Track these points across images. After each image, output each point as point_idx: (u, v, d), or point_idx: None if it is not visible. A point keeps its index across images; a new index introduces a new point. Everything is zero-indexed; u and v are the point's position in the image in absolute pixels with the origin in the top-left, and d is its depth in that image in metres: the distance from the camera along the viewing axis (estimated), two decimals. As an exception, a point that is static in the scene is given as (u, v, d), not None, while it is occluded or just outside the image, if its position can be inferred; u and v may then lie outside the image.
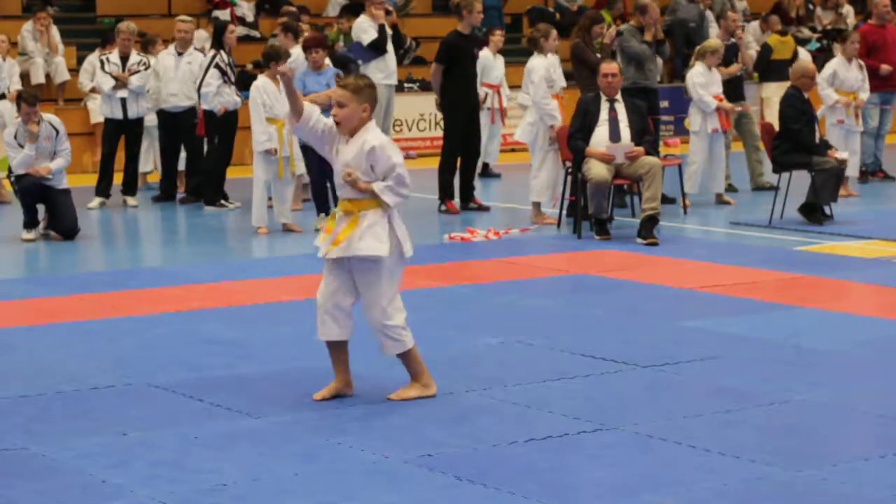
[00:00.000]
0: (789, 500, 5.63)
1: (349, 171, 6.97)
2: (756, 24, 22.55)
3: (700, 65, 14.61)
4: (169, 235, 13.95)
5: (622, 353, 8.05)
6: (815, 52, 22.22)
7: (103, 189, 15.21)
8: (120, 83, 15.07)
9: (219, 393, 7.28)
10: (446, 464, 6.06)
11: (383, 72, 16.29)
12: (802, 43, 22.01)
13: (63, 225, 12.90)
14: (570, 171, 13.13)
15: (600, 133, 12.52)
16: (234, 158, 15.38)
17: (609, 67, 12.66)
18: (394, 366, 7.76)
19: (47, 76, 19.10)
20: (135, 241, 13.72)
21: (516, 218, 13.88)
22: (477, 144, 14.69)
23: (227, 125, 14.91)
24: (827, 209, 13.46)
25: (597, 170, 12.30)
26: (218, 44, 15.04)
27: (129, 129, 15.27)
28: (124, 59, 15.21)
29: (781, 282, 10.40)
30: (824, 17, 25.52)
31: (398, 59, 17.16)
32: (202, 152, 15.38)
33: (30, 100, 12.96)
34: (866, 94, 15.75)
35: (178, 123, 15.39)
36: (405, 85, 20.18)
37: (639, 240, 12.15)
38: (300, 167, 13.51)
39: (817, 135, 13.48)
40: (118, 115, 15.16)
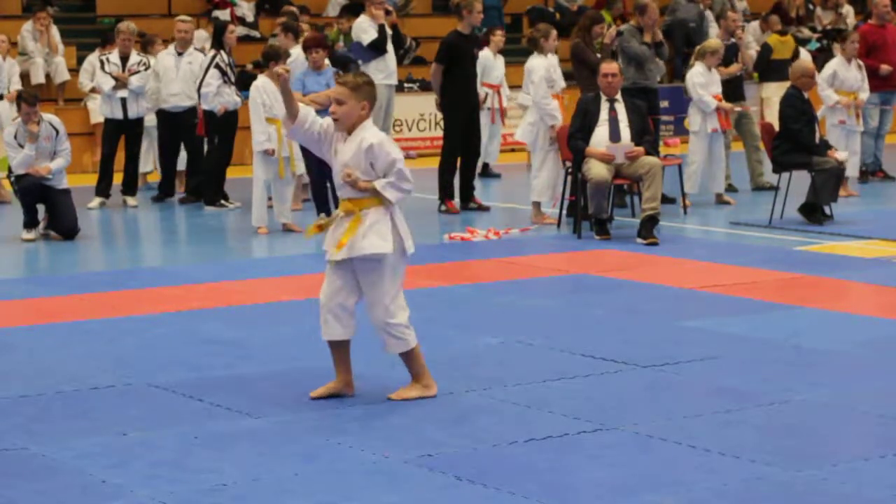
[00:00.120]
0: (789, 500, 5.63)
1: (348, 171, 6.97)
2: (756, 24, 22.55)
3: (700, 65, 14.61)
4: (169, 235, 13.95)
5: (622, 353, 8.05)
6: (815, 52, 22.22)
7: (103, 189, 15.21)
8: (120, 83, 15.08)
9: (219, 393, 7.28)
10: (446, 464, 6.06)
11: (383, 72, 16.28)
12: (802, 43, 22.00)
13: (63, 225, 12.89)
14: (570, 171, 13.13)
15: (600, 133, 12.52)
16: (234, 158, 15.38)
17: (609, 67, 12.66)
18: (394, 366, 7.76)
19: (47, 76, 19.11)
20: (135, 242, 13.71)
21: (516, 218, 13.88)
22: (477, 144, 14.68)
23: (227, 125, 14.91)
24: (827, 209, 13.45)
25: (597, 170, 12.30)
26: (218, 44, 15.04)
27: (129, 129, 15.27)
28: (124, 59, 15.21)
29: (781, 282, 10.40)
30: (824, 17, 25.51)
31: (398, 60, 17.16)
32: (202, 152, 15.37)
33: (30, 100, 12.96)
34: (866, 94, 15.75)
35: (178, 123, 15.39)
36: (405, 85, 20.18)
37: (639, 240, 12.15)
38: (300, 167, 13.51)
39: (817, 135, 13.48)
40: (118, 115, 15.16)
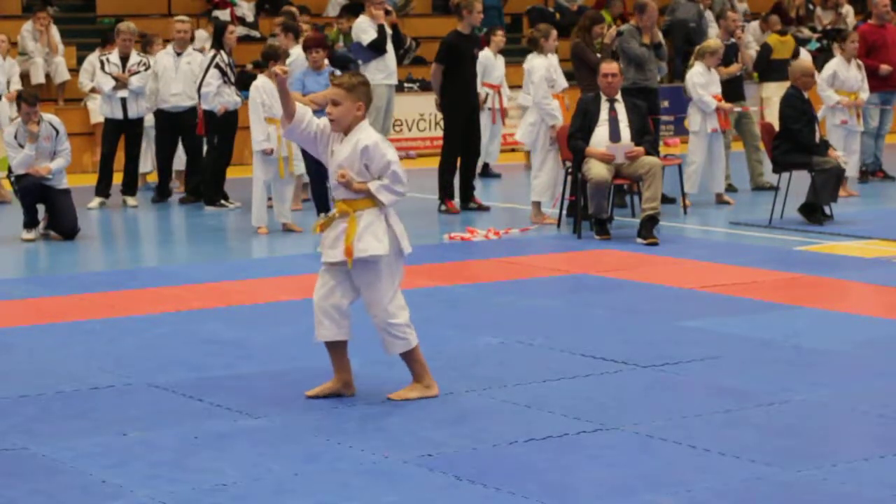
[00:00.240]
0: (789, 500, 5.63)
1: (343, 172, 6.96)
2: (756, 24, 22.55)
3: (699, 65, 14.61)
4: (169, 235, 13.95)
5: (622, 353, 8.05)
6: (815, 52, 22.21)
7: (103, 189, 15.21)
8: (120, 84, 15.07)
9: (219, 393, 7.28)
10: (446, 464, 6.06)
11: (383, 72, 16.28)
12: (802, 43, 22.00)
13: (63, 225, 12.89)
14: (570, 171, 13.12)
15: (600, 133, 12.51)
16: (233, 158, 15.39)
17: (609, 67, 12.65)
18: (394, 366, 7.76)
19: (47, 76, 19.11)
20: (135, 242, 13.71)
21: (516, 218, 13.88)
22: (477, 144, 14.68)
23: (227, 125, 14.91)
24: (827, 209, 13.45)
25: (597, 170, 12.29)
26: (218, 44, 15.05)
27: (129, 130, 15.27)
28: (124, 59, 15.21)
29: (781, 282, 10.40)
30: (824, 17, 25.51)
31: (398, 60, 17.15)
32: (202, 152, 15.38)
33: (30, 100, 12.96)
34: (866, 94, 15.75)
35: (178, 123, 15.38)
36: (405, 85, 20.18)
37: (639, 240, 12.15)
38: (299, 167, 13.51)
39: (817, 135, 13.48)
40: (118, 115, 15.16)
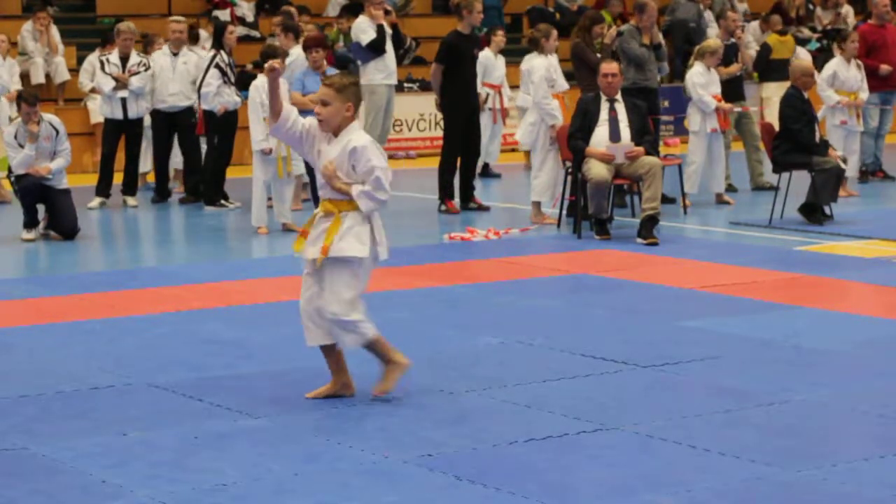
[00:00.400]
0: (789, 500, 5.63)
1: (328, 162, 6.91)
2: (756, 24, 22.55)
3: (699, 65, 14.61)
4: (169, 235, 13.95)
5: (622, 353, 8.05)
6: (815, 52, 22.21)
7: (103, 189, 15.21)
8: (120, 84, 15.06)
9: (219, 393, 7.28)
10: (446, 464, 6.06)
11: (382, 72, 16.28)
12: (802, 43, 22.00)
13: (63, 225, 12.89)
14: (570, 171, 13.12)
15: (600, 133, 12.51)
16: (233, 158, 15.38)
17: (609, 67, 12.65)
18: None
19: (47, 76, 19.11)
20: (135, 242, 13.71)
21: (516, 218, 13.88)
22: (477, 144, 14.68)
23: (227, 125, 14.91)
24: (827, 209, 13.45)
25: (597, 170, 12.29)
26: (218, 44, 15.05)
27: (129, 130, 15.27)
28: (124, 59, 15.20)
29: (781, 282, 10.40)
30: (824, 17, 25.51)
31: (398, 60, 17.15)
32: (199, 152, 15.40)
33: (30, 100, 12.96)
34: (866, 94, 15.75)
35: (175, 123, 15.38)
36: (405, 85, 20.18)
37: (639, 240, 12.15)
38: (298, 167, 13.51)
39: (817, 135, 13.48)
40: (118, 115, 15.15)
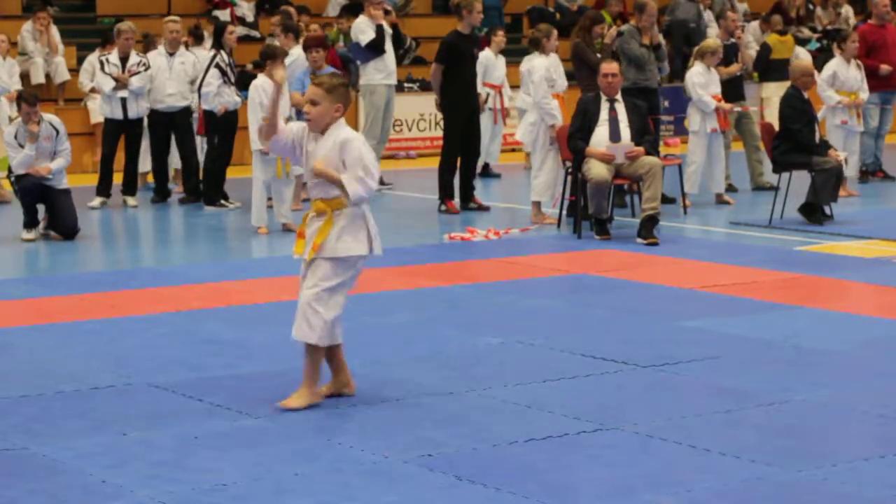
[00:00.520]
0: (789, 500, 5.64)
1: (317, 161, 6.89)
2: (756, 24, 22.54)
3: (699, 65, 14.61)
4: (169, 235, 13.95)
5: (622, 353, 8.05)
6: (814, 52, 22.21)
7: (104, 189, 15.19)
8: (120, 84, 15.04)
9: (219, 393, 7.28)
10: (446, 464, 6.06)
11: (382, 72, 16.26)
12: (802, 43, 21.99)
13: (63, 225, 12.88)
14: (570, 171, 13.12)
15: (600, 133, 12.51)
16: (233, 158, 15.37)
17: (609, 67, 12.65)
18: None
19: (47, 76, 19.10)
20: (135, 242, 13.70)
21: (516, 218, 13.88)
22: (477, 144, 14.67)
23: (227, 125, 14.91)
24: (827, 209, 13.45)
25: (597, 170, 12.29)
26: (217, 44, 15.05)
27: (129, 129, 15.26)
28: (124, 59, 15.18)
29: (781, 282, 10.40)
30: (824, 17, 25.51)
31: (398, 60, 17.14)
32: (196, 152, 15.41)
33: (30, 100, 12.95)
34: (866, 94, 15.75)
35: (173, 123, 15.38)
36: (405, 85, 20.17)
37: (639, 240, 12.14)
38: (298, 167, 13.49)
39: (817, 135, 13.48)
40: (118, 115, 15.13)
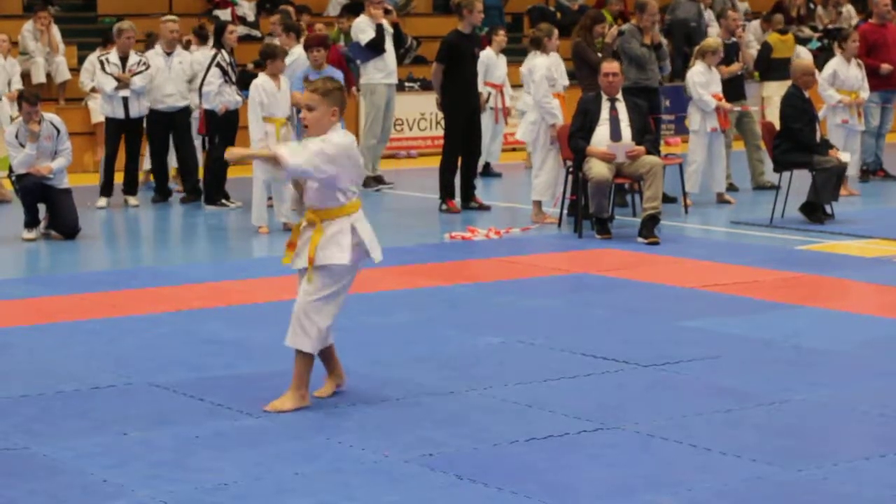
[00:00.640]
0: (790, 500, 5.63)
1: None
2: (757, 24, 22.53)
3: (700, 64, 14.61)
4: (169, 235, 13.95)
5: (623, 353, 8.05)
6: (815, 52, 22.20)
7: (108, 189, 15.16)
8: (122, 84, 15.02)
9: (219, 392, 7.28)
10: (447, 463, 6.06)
11: (382, 71, 16.27)
12: (803, 42, 21.98)
13: (64, 224, 12.88)
14: (570, 170, 13.12)
15: (601, 132, 12.51)
16: (234, 158, 15.34)
17: (610, 67, 12.65)
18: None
19: (48, 76, 19.09)
20: (135, 241, 13.70)
21: (517, 217, 13.87)
22: (478, 144, 14.66)
23: (228, 124, 14.90)
24: (828, 208, 13.45)
25: (598, 169, 12.29)
26: (218, 43, 15.05)
27: (130, 129, 15.24)
28: (123, 59, 15.16)
29: (782, 281, 10.39)
30: (825, 17, 25.50)
31: (399, 59, 17.14)
32: (195, 151, 15.42)
33: (31, 99, 12.95)
34: (866, 93, 15.75)
35: (173, 123, 15.37)
36: (406, 84, 20.17)
37: (640, 239, 12.14)
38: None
39: (818, 134, 13.48)
40: (120, 114, 15.10)
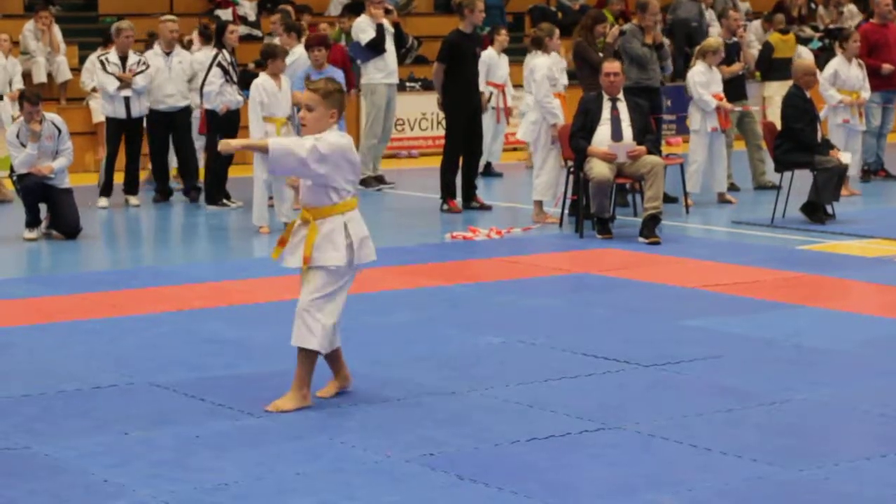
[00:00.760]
0: (791, 500, 5.63)
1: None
2: (758, 24, 22.52)
3: (701, 64, 14.61)
4: (170, 235, 13.95)
5: (624, 353, 8.05)
6: (816, 52, 22.20)
7: (109, 189, 15.15)
8: (124, 83, 15.01)
9: (220, 392, 7.28)
10: (448, 463, 6.06)
11: (382, 71, 16.27)
12: (804, 42, 21.98)
13: (65, 224, 12.89)
14: (571, 170, 13.12)
15: (602, 132, 12.51)
16: (235, 157, 15.36)
17: (611, 66, 12.65)
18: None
19: (49, 75, 19.10)
20: (136, 241, 13.71)
21: (518, 217, 13.87)
22: (479, 144, 14.66)
23: (229, 124, 14.90)
24: (829, 208, 13.45)
25: (599, 169, 12.29)
26: (219, 43, 15.05)
27: (130, 128, 15.24)
28: (123, 58, 15.15)
29: (783, 281, 10.39)
30: (826, 17, 25.50)
31: (400, 59, 17.14)
32: (193, 151, 15.42)
33: (32, 99, 12.95)
34: (868, 93, 15.75)
35: (173, 123, 15.37)
36: (407, 84, 20.17)
37: (641, 239, 12.14)
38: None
39: (819, 134, 13.48)
40: (121, 114, 15.10)
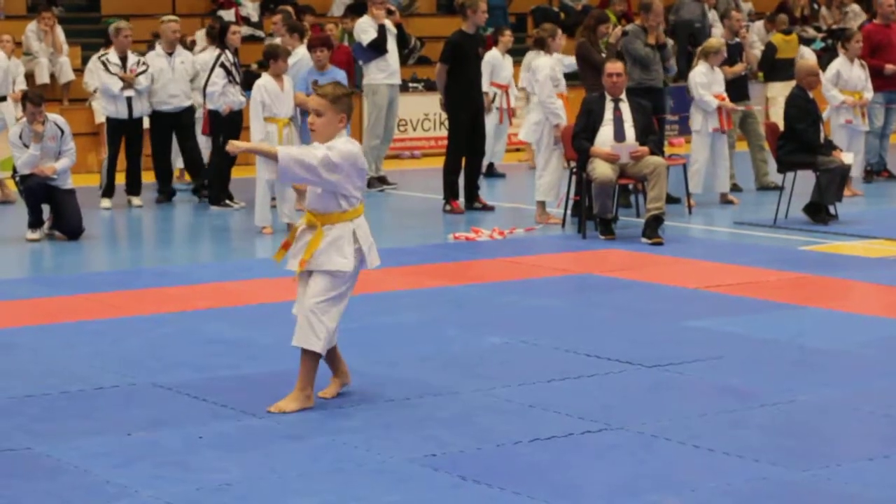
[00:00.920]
0: (794, 500, 5.63)
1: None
2: (760, 24, 22.53)
3: (703, 64, 14.61)
4: (173, 235, 13.96)
5: (627, 353, 8.05)
6: (819, 52, 22.20)
7: (111, 189, 15.15)
8: (127, 84, 15.01)
9: (223, 393, 7.28)
10: (451, 463, 6.06)
11: (384, 71, 16.27)
12: (807, 42, 21.98)
13: (68, 225, 12.89)
14: (574, 170, 13.12)
15: (605, 133, 12.51)
16: (238, 158, 15.35)
17: (614, 67, 12.65)
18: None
19: (52, 76, 19.10)
20: (139, 241, 13.71)
21: (521, 218, 13.87)
22: (481, 144, 14.67)
23: (232, 125, 14.91)
24: (832, 209, 13.44)
25: (601, 169, 12.29)
26: (222, 44, 15.05)
27: (131, 129, 15.24)
28: (123, 59, 15.14)
29: (786, 281, 10.39)
30: (829, 17, 25.50)
31: (403, 59, 17.14)
32: (198, 152, 15.42)
33: (35, 100, 12.96)
34: (870, 94, 15.74)
35: (177, 124, 15.37)
36: (410, 85, 20.17)
37: (643, 239, 12.14)
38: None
39: (822, 134, 13.48)
40: (123, 114, 15.10)
